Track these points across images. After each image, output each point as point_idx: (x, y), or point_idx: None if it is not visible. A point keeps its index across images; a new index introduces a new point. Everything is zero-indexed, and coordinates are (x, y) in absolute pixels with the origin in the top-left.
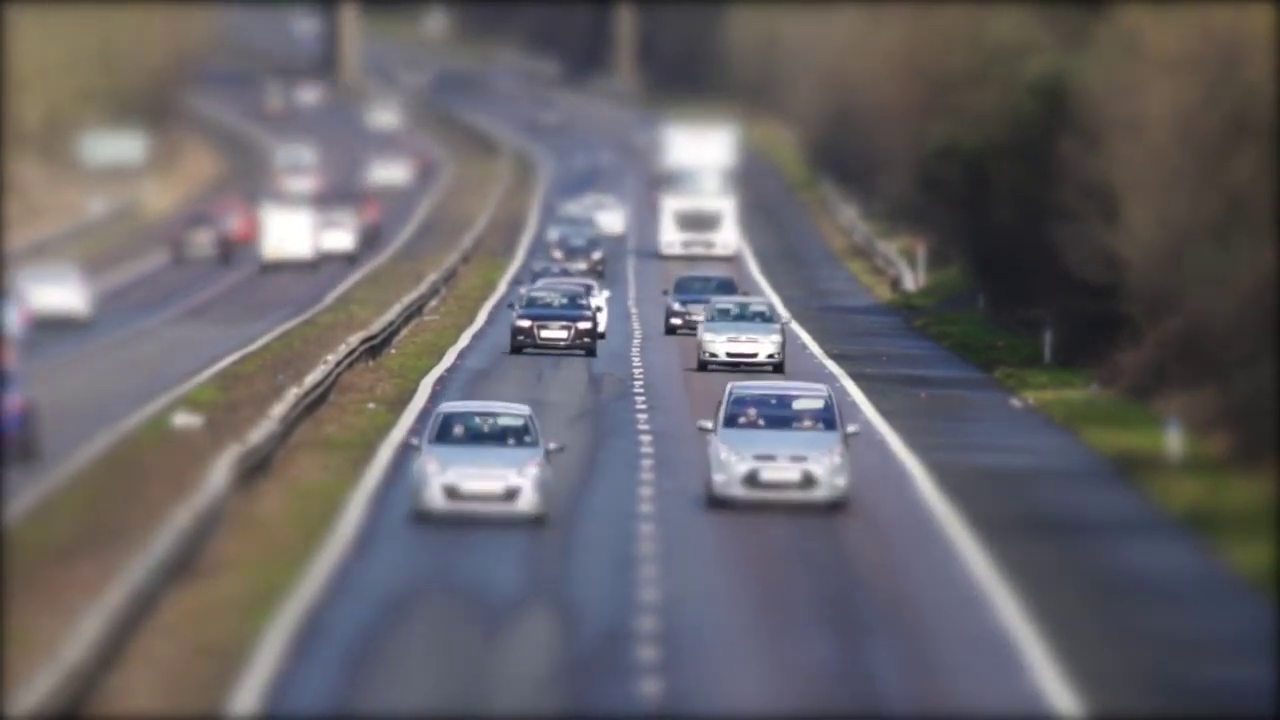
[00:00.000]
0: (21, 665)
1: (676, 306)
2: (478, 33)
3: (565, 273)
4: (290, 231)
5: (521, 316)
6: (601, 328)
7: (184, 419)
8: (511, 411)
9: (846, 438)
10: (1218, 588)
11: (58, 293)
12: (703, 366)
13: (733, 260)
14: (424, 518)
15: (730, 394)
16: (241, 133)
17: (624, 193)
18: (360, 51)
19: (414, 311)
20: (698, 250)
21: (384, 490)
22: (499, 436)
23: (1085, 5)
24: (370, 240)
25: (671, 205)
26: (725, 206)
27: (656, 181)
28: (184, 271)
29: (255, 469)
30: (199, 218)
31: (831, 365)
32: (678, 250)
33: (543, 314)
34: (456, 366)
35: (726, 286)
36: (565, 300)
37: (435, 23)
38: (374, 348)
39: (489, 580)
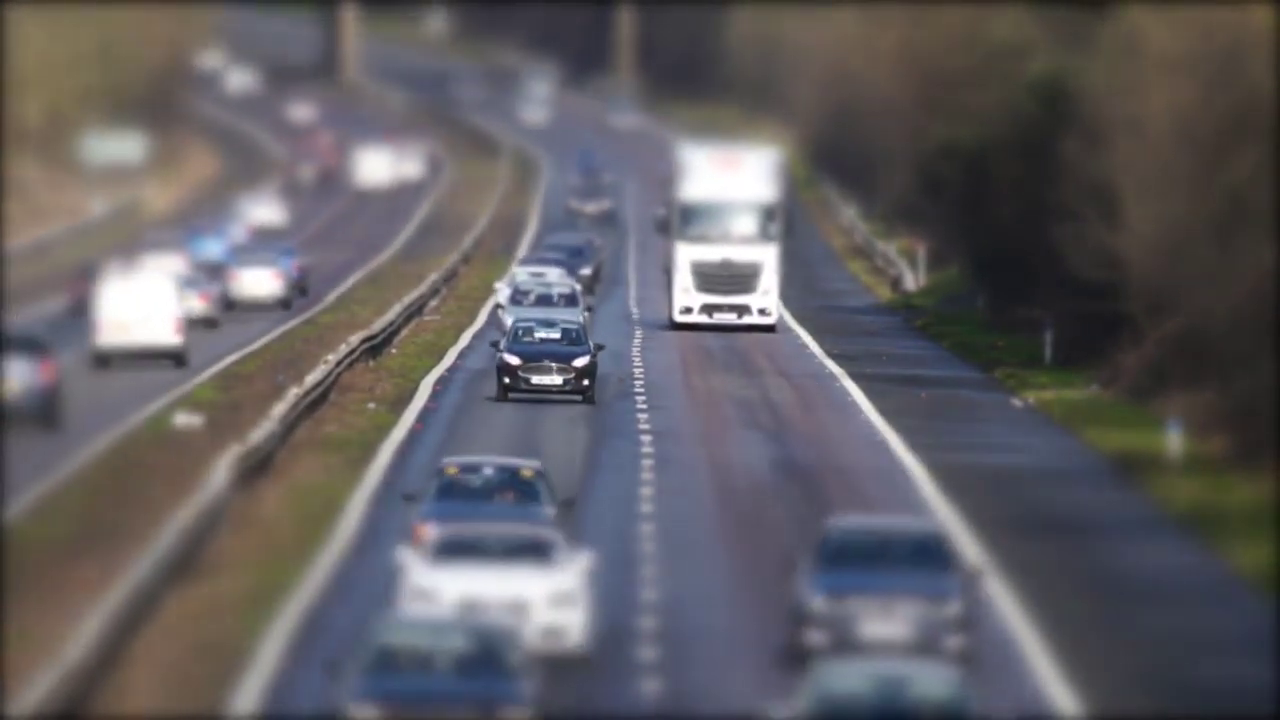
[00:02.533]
0: (22, 665)
1: (818, 603)
2: (478, 33)
3: (522, 380)
4: (375, 166)
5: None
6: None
7: (185, 418)
8: None
9: None
10: (1218, 587)
11: (265, 211)
12: None
13: (774, 331)
14: None
15: None
16: (241, 133)
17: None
18: (360, 51)
19: (414, 311)
20: (726, 318)
21: (384, 490)
22: None
23: (1085, 5)
24: (436, 168)
25: (689, 255)
26: (764, 257)
27: (667, 222)
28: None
29: (256, 468)
30: (304, 155)
31: (832, 365)
32: (697, 318)
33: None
34: (457, 366)
35: (929, 551)
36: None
37: (435, 23)
38: (374, 347)
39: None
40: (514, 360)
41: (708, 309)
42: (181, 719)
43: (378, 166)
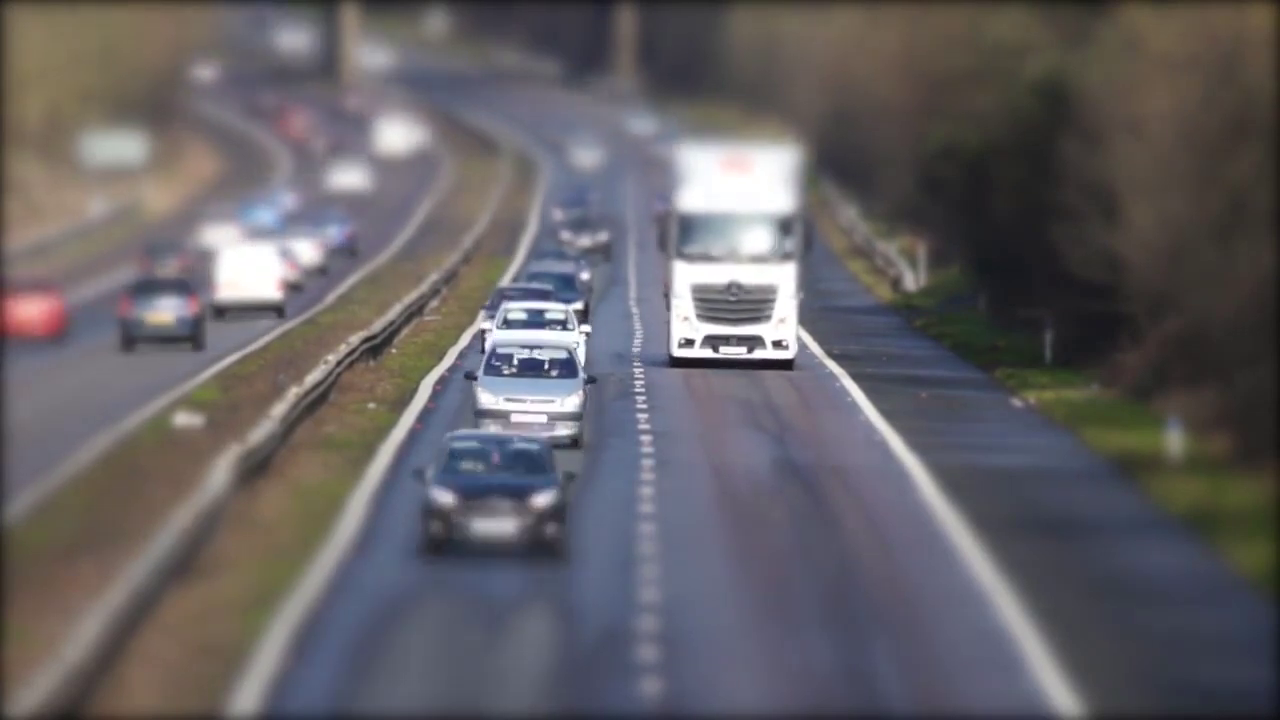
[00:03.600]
0: (22, 665)
1: None
2: (478, 33)
3: (457, 529)
4: (394, 136)
5: None
6: None
7: (184, 419)
8: None
9: None
10: (1218, 588)
11: (350, 176)
12: None
13: (791, 365)
14: None
15: None
16: (241, 132)
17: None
18: (360, 52)
19: (415, 311)
20: (734, 352)
21: (384, 490)
22: None
23: (1085, 5)
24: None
25: (689, 277)
26: (779, 279)
27: (666, 237)
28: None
29: (256, 469)
30: (316, 131)
31: (832, 365)
32: (699, 351)
33: None
34: (457, 367)
35: None
36: None
37: (435, 23)
38: (375, 347)
39: (489, 580)
40: (447, 499)
41: (712, 341)
42: (181, 719)
43: (396, 136)
